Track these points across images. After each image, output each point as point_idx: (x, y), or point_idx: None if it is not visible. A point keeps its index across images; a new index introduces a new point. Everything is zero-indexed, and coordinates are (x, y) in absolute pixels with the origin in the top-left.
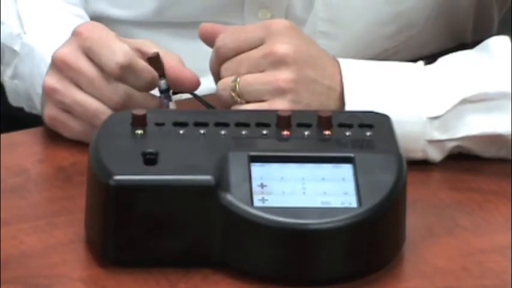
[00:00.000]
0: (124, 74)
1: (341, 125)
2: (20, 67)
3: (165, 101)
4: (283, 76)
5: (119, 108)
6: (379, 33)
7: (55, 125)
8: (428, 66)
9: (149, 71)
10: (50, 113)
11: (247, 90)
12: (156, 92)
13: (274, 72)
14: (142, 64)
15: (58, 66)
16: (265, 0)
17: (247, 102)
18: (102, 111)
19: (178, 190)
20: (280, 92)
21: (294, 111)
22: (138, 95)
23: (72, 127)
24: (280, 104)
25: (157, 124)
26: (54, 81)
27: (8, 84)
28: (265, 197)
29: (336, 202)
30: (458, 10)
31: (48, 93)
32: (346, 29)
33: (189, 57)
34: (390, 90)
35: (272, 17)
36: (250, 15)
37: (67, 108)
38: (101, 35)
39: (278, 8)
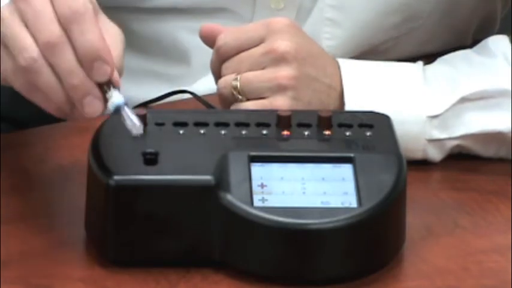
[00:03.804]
0: (71, 22)
1: (341, 125)
2: None
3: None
4: (283, 73)
5: (45, 50)
6: (384, 22)
7: None
8: (428, 65)
9: (96, 34)
10: None
11: (248, 87)
12: None
13: (275, 70)
14: (96, 26)
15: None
16: None
17: (248, 99)
18: (29, 47)
19: (178, 190)
20: (280, 88)
21: (293, 111)
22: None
23: (4, 63)
24: (281, 101)
25: (158, 124)
26: (6, 12)
27: None
28: (265, 197)
29: (336, 202)
30: (463, 8)
31: None
32: (353, 17)
33: (198, 50)
34: (390, 90)
35: (285, 6)
36: (262, 6)
37: (5, 42)
38: None
39: None
